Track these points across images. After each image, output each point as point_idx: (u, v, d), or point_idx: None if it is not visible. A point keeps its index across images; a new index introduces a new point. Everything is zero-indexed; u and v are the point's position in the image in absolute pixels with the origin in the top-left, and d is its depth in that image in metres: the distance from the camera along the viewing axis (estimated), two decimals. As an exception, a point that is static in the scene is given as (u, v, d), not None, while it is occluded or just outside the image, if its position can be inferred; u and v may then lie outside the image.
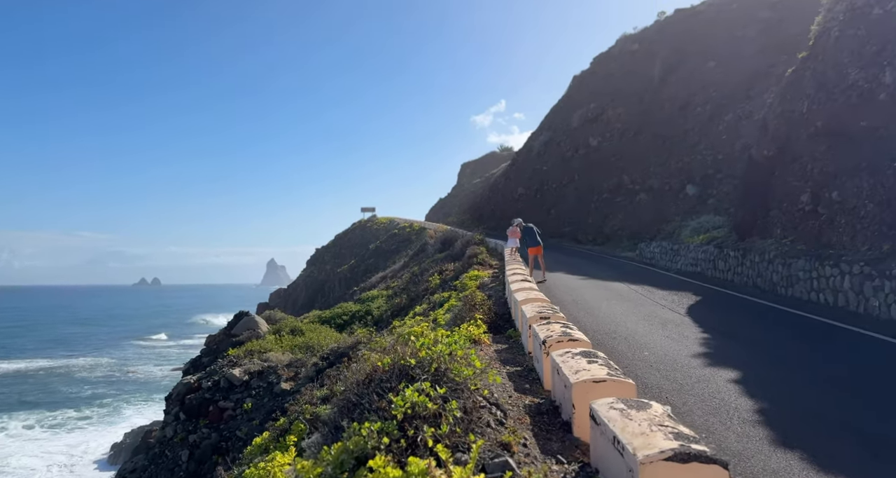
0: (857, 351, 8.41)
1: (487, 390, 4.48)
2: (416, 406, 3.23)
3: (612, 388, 4.37)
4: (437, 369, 3.79)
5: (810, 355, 8.10)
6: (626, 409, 3.70)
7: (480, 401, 4.11)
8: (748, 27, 35.07)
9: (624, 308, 11.97)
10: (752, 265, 15.75)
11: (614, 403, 3.81)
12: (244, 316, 17.80)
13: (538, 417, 4.70)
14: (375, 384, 3.60)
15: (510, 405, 4.74)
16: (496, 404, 4.36)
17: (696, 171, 32.85)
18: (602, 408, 3.77)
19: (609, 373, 4.55)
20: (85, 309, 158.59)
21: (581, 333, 6.15)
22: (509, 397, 5.01)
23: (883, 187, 11.64)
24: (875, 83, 12.23)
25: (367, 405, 3.38)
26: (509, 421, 4.26)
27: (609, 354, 7.84)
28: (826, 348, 8.66)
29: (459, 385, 3.92)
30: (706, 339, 8.96)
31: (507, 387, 5.41)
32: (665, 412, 3.70)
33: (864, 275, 10.98)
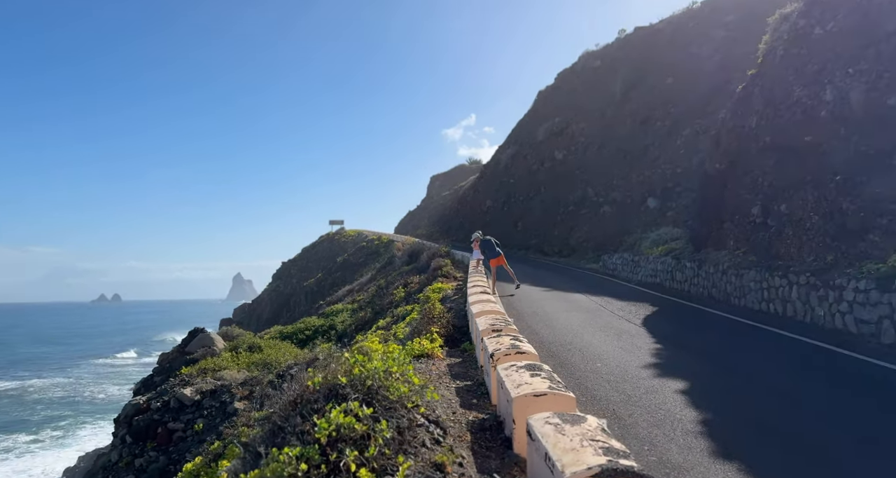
0: (801, 360, 8.62)
1: (425, 407, 4.38)
2: (341, 428, 3.11)
3: (553, 402, 4.33)
4: (369, 388, 3.68)
5: (756, 365, 8.26)
6: (561, 424, 3.66)
7: (418, 419, 4.01)
8: (704, 45, 36.31)
9: (582, 319, 12.04)
10: (707, 276, 16.10)
11: (550, 417, 3.77)
12: (199, 333, 17.27)
13: (481, 433, 4.62)
14: (302, 406, 3.47)
15: (452, 422, 4.65)
16: (435, 422, 4.26)
17: (656, 184, 33.61)
18: (537, 423, 3.72)
19: (550, 386, 4.52)
20: (41, 327, 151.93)
21: (530, 346, 6.12)
22: (453, 413, 4.92)
23: (826, 200, 12.07)
24: (817, 100, 12.74)
25: (291, 429, 3.25)
26: (448, 439, 4.16)
27: (563, 365, 7.85)
28: (772, 358, 8.85)
29: (394, 403, 3.82)
30: (658, 349, 9.06)
31: (452, 403, 5.32)
32: (599, 426, 3.67)
33: (809, 285, 11.32)
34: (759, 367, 8.10)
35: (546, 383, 4.59)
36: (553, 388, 4.48)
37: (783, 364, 8.33)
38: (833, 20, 12.93)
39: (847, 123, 11.93)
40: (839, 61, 12.36)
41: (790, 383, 7.16)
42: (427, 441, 3.82)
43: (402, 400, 3.92)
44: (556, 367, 7.80)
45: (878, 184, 10.80)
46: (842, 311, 10.29)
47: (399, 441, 3.51)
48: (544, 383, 4.59)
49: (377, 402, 3.62)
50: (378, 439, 3.28)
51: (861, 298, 9.76)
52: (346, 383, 3.63)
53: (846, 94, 11.94)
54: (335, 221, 72.81)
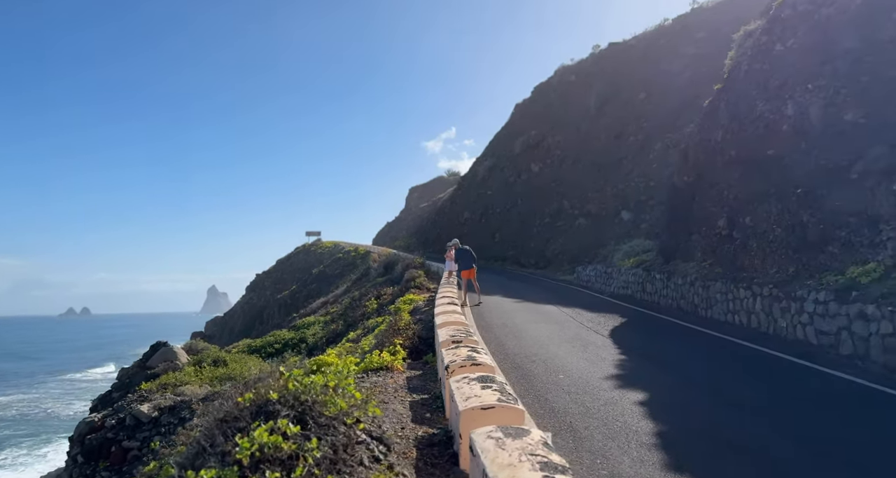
0: (761, 372, 8.66)
1: (369, 423, 4.21)
2: (265, 448, 2.94)
3: (501, 415, 4.21)
4: (303, 404, 3.50)
5: (718, 376, 8.26)
6: (503, 438, 3.53)
7: (357, 436, 3.84)
8: (676, 62, 37.12)
9: (550, 331, 11.98)
10: (675, 288, 16.23)
11: (493, 431, 3.64)
12: (161, 346, 16.77)
13: (428, 449, 4.47)
14: (227, 424, 3.28)
15: (399, 438, 4.49)
16: (379, 439, 4.10)
17: (630, 197, 34.04)
18: (479, 437, 3.59)
19: (500, 399, 4.39)
20: (5, 342, 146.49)
21: (487, 358, 5.99)
22: (402, 428, 4.76)
23: (789, 213, 12.27)
24: (779, 115, 13.01)
25: (212, 450, 3.06)
26: (391, 456, 4.00)
27: (525, 377, 7.74)
28: (734, 369, 8.88)
29: (331, 420, 3.65)
30: (623, 361, 9.02)
31: (403, 417, 5.16)
32: (542, 440, 3.55)
33: (772, 297, 11.44)
34: (720, 378, 8.10)
35: (496, 395, 4.47)
36: (503, 400, 4.36)
37: (743, 376, 8.35)
38: (793, 37, 13.28)
39: (807, 138, 12.19)
40: (799, 77, 12.66)
41: (749, 395, 7.16)
42: (366, 459, 3.65)
43: (340, 416, 3.75)
44: (519, 379, 7.69)
45: (837, 197, 11.01)
46: (803, 322, 10.41)
47: (332, 461, 3.34)
48: (494, 395, 4.46)
49: (311, 419, 3.44)
50: (307, 459, 3.11)
51: (820, 309, 9.89)
52: (276, 399, 3.45)
53: (806, 109, 12.22)
54: (312, 233, 72.11)
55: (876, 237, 9.79)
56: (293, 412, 3.44)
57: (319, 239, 68.33)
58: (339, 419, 3.72)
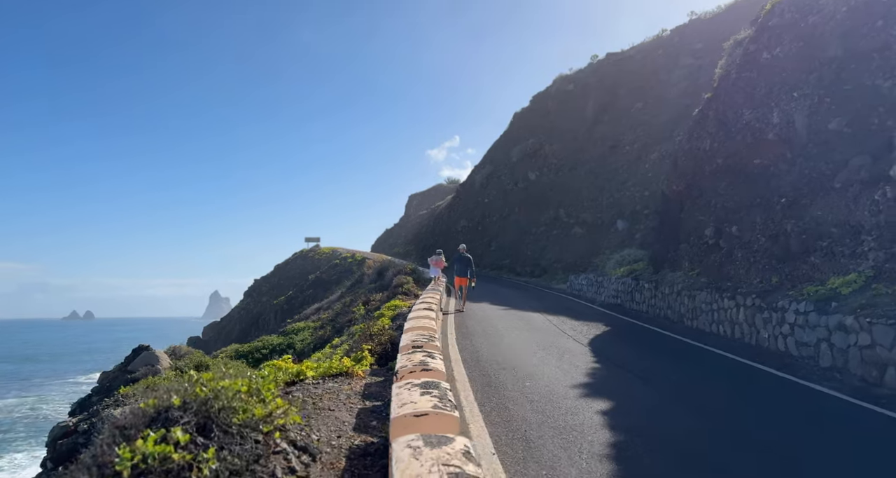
0: (737, 383, 8.46)
1: (292, 432, 4.05)
2: (149, 458, 2.76)
3: (434, 422, 4.04)
4: (209, 410, 3.33)
5: (691, 387, 8.07)
6: (422, 447, 3.37)
7: (276, 445, 3.67)
8: (672, 72, 37.12)
9: (529, 338, 11.79)
10: (663, 297, 16.03)
11: (414, 440, 3.48)
12: (143, 350, 16.61)
13: (360, 459, 4.29)
14: (124, 432, 3.12)
15: (331, 447, 4.30)
16: (303, 448, 3.92)
17: (625, 206, 33.89)
18: (399, 446, 3.42)
19: (436, 405, 4.23)
20: (9, 345, 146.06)
21: (440, 363, 5.82)
22: (338, 436, 4.57)
23: (773, 222, 12.11)
24: (765, 123, 12.88)
25: (91, 461, 2.91)
26: (314, 467, 3.82)
27: (490, 385, 7.57)
28: (709, 380, 8.68)
29: (242, 428, 3.47)
30: (596, 369, 8.83)
31: (345, 425, 4.97)
32: (463, 449, 3.38)
33: (755, 307, 11.25)
34: (692, 389, 7.91)
35: (433, 402, 4.30)
36: (438, 407, 4.19)
37: (717, 387, 8.16)
38: (780, 45, 13.18)
39: (792, 146, 12.06)
40: (785, 85, 12.55)
41: (719, 406, 6.97)
42: (279, 471, 3.47)
43: (253, 424, 3.57)
44: (484, 386, 7.51)
45: (820, 206, 10.85)
46: (784, 333, 10.22)
47: (234, 472, 3.15)
48: (431, 402, 4.30)
49: (217, 427, 3.27)
50: (203, 471, 2.94)
51: (801, 320, 9.69)
52: (179, 404, 3.29)
53: (791, 117, 12.09)
54: (311, 239, 72.09)
55: (858, 247, 9.61)
56: (195, 419, 3.27)
57: (318, 245, 68.27)
58: (251, 427, 3.55)
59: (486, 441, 5.35)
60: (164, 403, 3.34)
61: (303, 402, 5.40)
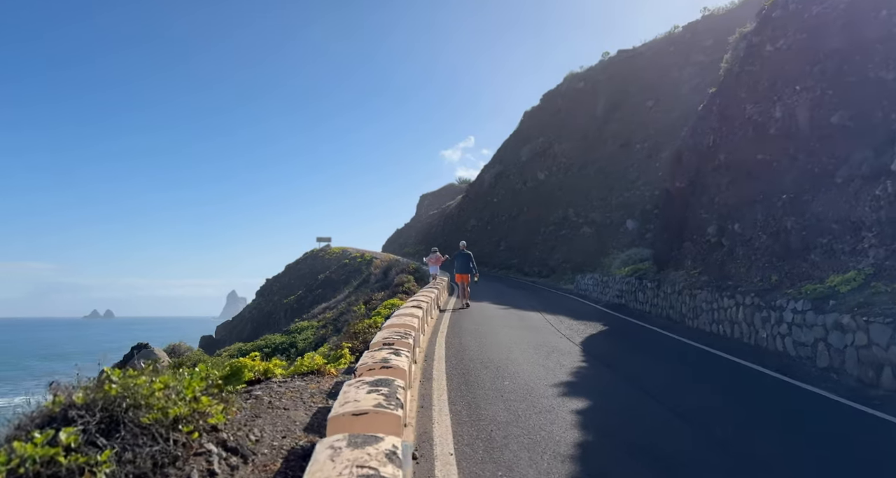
0: (729, 385, 8.17)
1: (227, 432, 3.91)
2: (28, 462, 2.62)
3: (372, 421, 3.89)
4: (116, 409, 3.17)
5: (678, 388, 7.80)
6: (345, 448, 3.20)
7: (198, 447, 3.52)
8: (684, 69, 36.55)
9: (521, 337, 11.58)
10: (665, 297, 15.69)
11: (339, 440, 3.32)
12: (142, 348, 16.69)
13: (300, 460, 4.11)
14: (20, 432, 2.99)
15: (271, 449, 4.14)
16: (234, 449, 3.77)
17: (635, 206, 33.42)
18: (321, 447, 3.26)
19: (379, 404, 4.07)
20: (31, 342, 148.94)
21: (403, 361, 5.67)
22: (283, 437, 4.42)
23: (774, 219, 11.75)
24: (767, 117, 12.52)
25: None
26: (243, 470, 3.66)
27: (467, 383, 7.39)
28: (699, 382, 8.40)
29: (156, 428, 3.30)
30: (581, 368, 8.60)
31: (296, 425, 4.83)
32: (387, 450, 3.21)
33: (754, 306, 10.91)
34: (679, 391, 7.64)
35: (377, 400, 4.14)
36: (382, 406, 4.04)
37: (706, 388, 7.88)
38: (783, 38, 12.80)
39: (794, 141, 11.70)
40: (788, 79, 12.18)
41: (703, 409, 6.70)
42: (196, 474, 3.32)
43: (171, 424, 3.40)
44: (460, 384, 7.33)
45: (821, 202, 10.49)
46: (782, 333, 9.88)
47: (140, 476, 3.00)
48: (375, 400, 4.14)
49: (125, 427, 3.13)
50: (97, 475, 2.79)
51: (798, 319, 9.36)
52: (82, 403, 3.15)
53: (793, 111, 11.73)
54: (322, 239, 72.38)
55: (858, 244, 9.25)
56: (97, 418, 3.12)
57: (329, 245, 68.52)
58: (168, 427, 3.40)
59: (447, 441, 5.18)
60: (68, 401, 3.21)
61: (257, 401, 5.28)
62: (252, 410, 4.89)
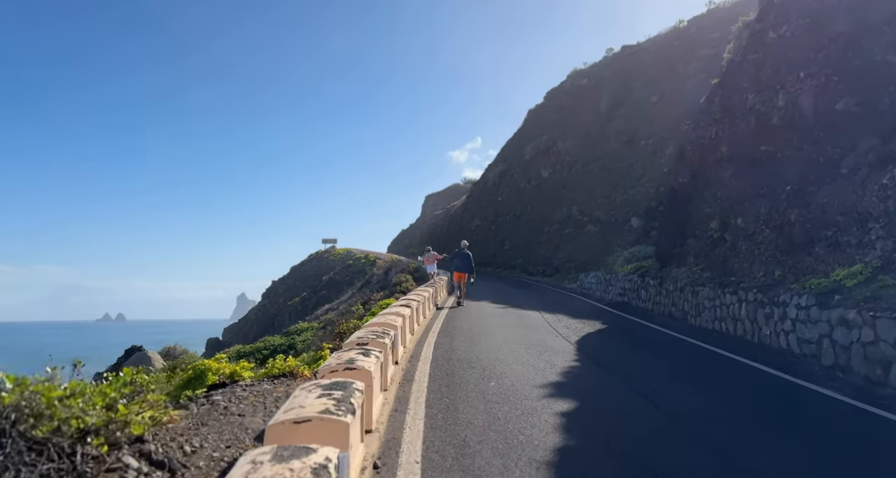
0: (727, 385, 7.75)
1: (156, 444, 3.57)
2: None
3: (314, 430, 3.52)
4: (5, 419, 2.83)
5: (674, 389, 7.38)
6: (266, 462, 2.83)
7: (115, 461, 3.18)
8: (690, 64, 35.95)
9: (515, 336, 11.19)
10: (667, 294, 15.23)
11: (264, 453, 2.95)
12: (136, 351, 16.47)
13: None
14: None
15: (207, 460, 3.79)
16: (160, 463, 3.42)
17: (640, 203, 32.88)
18: (242, 461, 2.90)
19: (327, 410, 3.70)
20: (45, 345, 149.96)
21: (370, 362, 5.32)
22: (227, 447, 4.06)
23: (777, 212, 11.29)
24: (770, 107, 12.05)
25: None
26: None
27: (450, 385, 7.03)
28: (698, 381, 7.97)
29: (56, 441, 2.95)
30: (573, 368, 8.21)
31: (246, 433, 4.47)
32: (315, 465, 2.83)
33: (757, 302, 10.46)
34: (675, 391, 7.22)
35: (326, 405, 3.78)
36: (329, 412, 3.67)
37: (704, 389, 7.46)
38: (787, 23, 12.33)
39: (798, 130, 11.23)
40: (791, 66, 11.71)
41: (698, 411, 6.29)
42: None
43: (76, 435, 3.04)
44: (441, 387, 6.97)
45: (826, 193, 10.03)
46: (785, 329, 9.43)
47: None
48: (323, 405, 3.77)
49: (12, 442, 2.77)
50: None
51: (802, 315, 8.91)
52: None
53: (797, 99, 11.26)
54: (328, 240, 72.24)
55: (864, 236, 8.79)
56: None
57: (334, 246, 68.39)
58: (71, 440, 3.04)
59: (415, 447, 4.82)
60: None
61: (212, 406, 4.94)
62: (200, 417, 4.55)
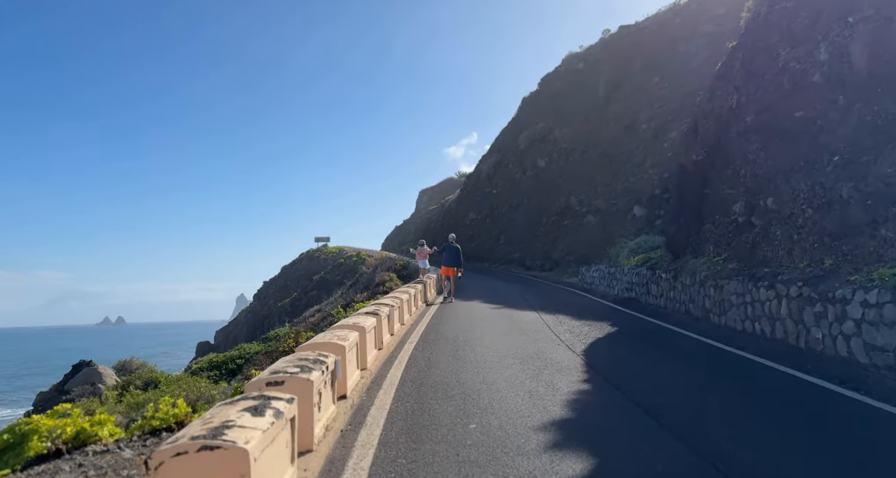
0: (790, 411, 5.80)
1: None
2: None
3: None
4: None
5: (729, 429, 5.43)
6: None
7: None
8: (692, 42, 33.94)
9: (509, 346, 9.25)
10: (683, 289, 13.30)
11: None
12: (84, 366, 14.50)
13: None
14: None
15: None
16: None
17: (643, 191, 30.94)
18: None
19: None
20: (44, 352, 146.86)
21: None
22: None
23: (822, 188, 9.34)
24: (808, 63, 10.09)
25: None
26: None
27: (416, 429, 5.07)
28: (750, 408, 6.02)
29: None
30: (584, 394, 6.26)
31: None
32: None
33: (803, 298, 8.53)
34: (735, 436, 5.27)
35: None
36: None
37: (761, 421, 5.50)
38: (823, -35, 10.34)
39: (846, 88, 9.27)
40: (837, 9, 9.73)
41: (763, 458, 4.35)
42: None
43: None
44: (402, 433, 5.01)
45: (889, 162, 8.08)
46: (846, 332, 7.50)
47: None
48: None
49: None
50: None
51: (872, 315, 6.98)
52: None
53: (845, 50, 9.30)
54: (320, 238, 70.21)
55: (953, 212, 6.85)
56: None
57: (326, 245, 66.37)
58: None
59: None
60: None
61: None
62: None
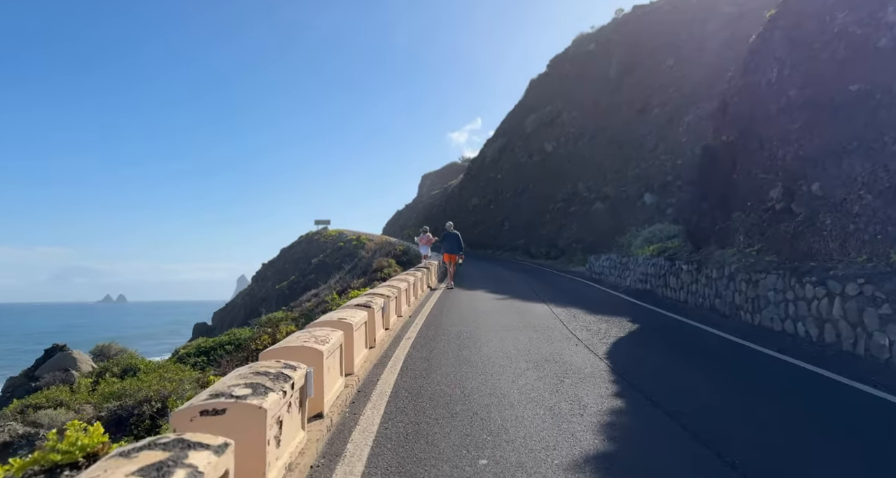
0: (869, 435, 4.65)
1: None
2: None
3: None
4: None
5: (796, 452, 4.28)
6: None
7: None
8: (709, 22, 32.37)
9: (519, 345, 8.11)
10: (708, 282, 12.13)
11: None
12: (57, 351, 13.42)
13: None
14: None
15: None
16: None
17: (654, 178, 29.69)
18: None
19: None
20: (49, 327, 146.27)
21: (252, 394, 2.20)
22: None
23: (886, 171, 8.11)
24: (872, 27, 8.79)
25: None
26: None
27: (406, 464, 3.91)
28: (826, 434, 4.87)
29: None
30: (617, 415, 5.11)
31: None
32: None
33: (863, 297, 7.35)
34: (799, 459, 4.13)
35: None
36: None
37: (842, 452, 4.36)
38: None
39: (918, 56, 7.99)
40: (904, -33, 8.42)
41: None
42: None
43: None
44: (394, 467, 3.87)
45: (976, 139, 6.84)
46: (926, 342, 6.34)
47: None
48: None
49: None
50: None
51: (966, 322, 5.80)
52: None
53: (917, 11, 8.00)
54: (321, 221, 69.11)
55: None
56: None
57: (326, 228, 65.27)
58: None
59: None
60: None
61: None
62: None
